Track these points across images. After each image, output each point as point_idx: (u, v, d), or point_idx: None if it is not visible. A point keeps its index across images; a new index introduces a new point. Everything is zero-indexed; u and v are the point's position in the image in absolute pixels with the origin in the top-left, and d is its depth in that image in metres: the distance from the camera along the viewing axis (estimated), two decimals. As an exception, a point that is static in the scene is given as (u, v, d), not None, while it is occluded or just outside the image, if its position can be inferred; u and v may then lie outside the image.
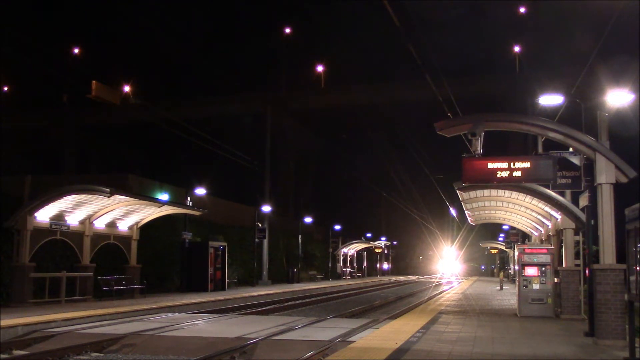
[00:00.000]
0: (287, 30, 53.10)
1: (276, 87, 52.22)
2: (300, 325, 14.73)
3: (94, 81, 28.55)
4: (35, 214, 19.13)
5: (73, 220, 20.86)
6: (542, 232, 21.48)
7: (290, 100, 51.33)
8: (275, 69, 55.92)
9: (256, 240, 37.78)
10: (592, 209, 12.50)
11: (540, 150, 16.64)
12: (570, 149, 14.16)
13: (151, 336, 12.61)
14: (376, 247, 72.97)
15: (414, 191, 66.36)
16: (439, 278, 65.94)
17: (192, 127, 31.08)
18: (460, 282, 52.36)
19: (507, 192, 17.66)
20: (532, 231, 24.32)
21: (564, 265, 16.51)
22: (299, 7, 59.15)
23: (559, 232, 17.59)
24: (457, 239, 67.45)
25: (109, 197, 19.39)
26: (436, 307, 20.29)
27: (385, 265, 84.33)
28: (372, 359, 9.37)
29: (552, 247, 17.74)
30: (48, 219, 19.78)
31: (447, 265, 79.30)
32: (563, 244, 16.75)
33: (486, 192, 18.14)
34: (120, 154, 59.52)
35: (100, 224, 22.07)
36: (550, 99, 17.42)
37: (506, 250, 51.68)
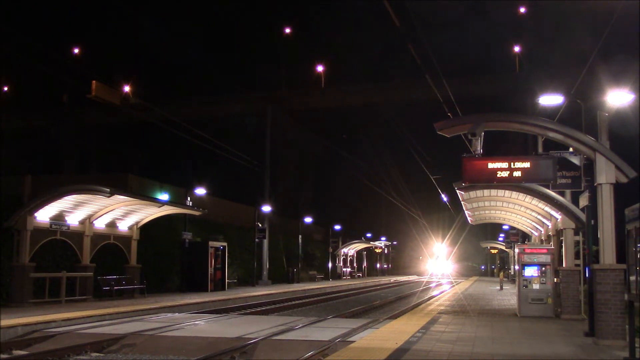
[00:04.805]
0: (287, 30, 53.08)
1: (276, 87, 52.22)
2: (300, 325, 14.73)
3: (94, 81, 28.60)
4: (35, 214, 19.13)
5: (73, 220, 20.86)
6: (542, 232, 21.48)
7: (290, 100, 51.30)
8: (275, 68, 55.94)
9: (256, 240, 37.77)
10: (592, 209, 12.50)
11: (540, 150, 16.64)
12: (570, 149, 14.16)
13: (151, 336, 12.61)
14: (376, 247, 72.90)
15: (412, 190, 66.35)
16: (427, 280, 59.38)
17: (192, 127, 31.07)
18: (452, 286, 44.78)
19: (507, 192, 17.66)
20: (532, 231, 24.32)
21: (564, 265, 16.51)
22: (299, 7, 59.20)
23: (559, 232, 17.59)
24: (449, 234, 65.25)
25: (109, 197, 19.39)
26: (436, 307, 20.29)
27: (385, 265, 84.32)
28: (372, 359, 9.37)
29: (552, 247, 17.74)
30: (48, 219, 19.78)
31: (438, 264, 76.53)
32: (563, 244, 16.75)
33: (486, 192, 18.14)
34: (120, 154, 59.50)
35: (100, 224, 22.07)
36: (550, 99, 17.42)
37: (506, 250, 51.65)
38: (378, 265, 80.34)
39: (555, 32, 48.94)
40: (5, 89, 52.85)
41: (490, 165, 12.16)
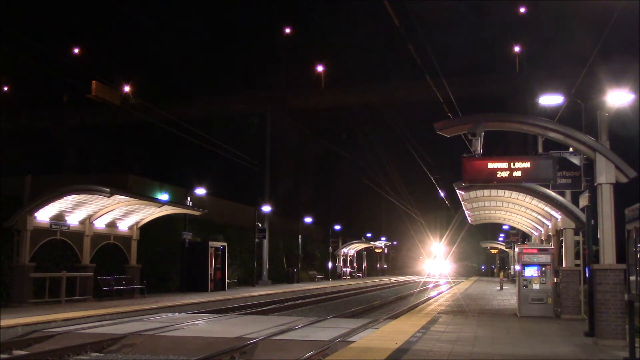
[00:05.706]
0: (287, 30, 53.10)
1: (276, 87, 52.26)
2: (300, 325, 14.73)
3: (94, 81, 28.63)
4: (35, 214, 19.13)
5: (73, 220, 20.86)
6: (542, 232, 21.48)
7: (290, 100, 51.34)
8: (275, 68, 55.94)
9: (256, 240, 37.76)
10: (592, 209, 12.50)
11: (540, 150, 16.65)
12: (570, 149, 14.17)
13: (151, 336, 12.60)
14: (376, 247, 72.83)
15: (412, 190, 66.34)
16: (425, 280, 57.28)
17: (192, 127, 31.08)
18: (451, 286, 43.11)
19: (507, 192, 17.66)
20: (532, 231, 24.32)
21: (564, 265, 16.51)
22: (299, 7, 59.17)
23: (559, 232, 17.59)
24: (447, 234, 64.50)
25: (109, 197, 19.40)
26: (436, 307, 20.29)
27: (385, 265, 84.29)
28: (372, 359, 9.37)
29: (552, 247, 17.74)
30: (48, 219, 19.78)
31: (437, 264, 75.91)
32: (563, 244, 16.76)
33: (486, 192, 18.14)
34: (120, 154, 59.49)
35: (100, 224, 22.07)
36: (550, 99, 17.44)
37: (506, 250, 51.63)
38: (378, 265, 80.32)
39: (555, 32, 48.98)
40: (6, 89, 52.88)
41: (490, 165, 12.15)
